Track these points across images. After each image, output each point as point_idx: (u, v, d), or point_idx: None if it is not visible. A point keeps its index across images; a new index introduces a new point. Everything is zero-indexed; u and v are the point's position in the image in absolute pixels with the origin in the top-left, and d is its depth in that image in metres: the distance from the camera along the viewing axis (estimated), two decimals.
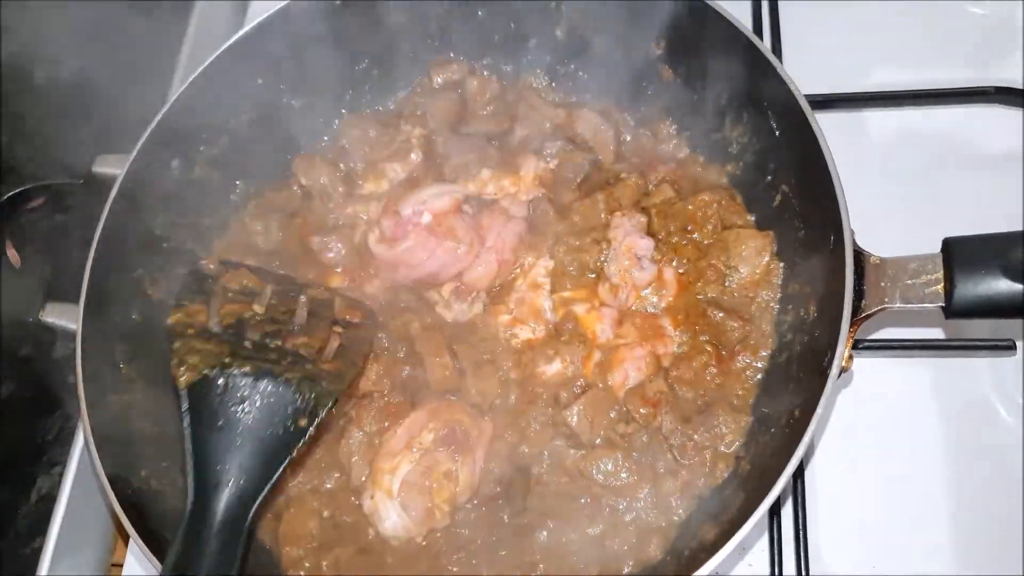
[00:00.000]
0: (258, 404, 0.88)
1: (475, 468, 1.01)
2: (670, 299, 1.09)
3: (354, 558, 1.02)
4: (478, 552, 0.99)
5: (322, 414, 0.91)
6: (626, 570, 0.97)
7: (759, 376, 1.05)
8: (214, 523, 0.83)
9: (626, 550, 0.97)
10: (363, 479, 1.03)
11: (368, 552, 1.02)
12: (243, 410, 0.88)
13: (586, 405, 1.02)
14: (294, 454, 0.88)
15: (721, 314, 1.06)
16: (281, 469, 0.87)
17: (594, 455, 1.00)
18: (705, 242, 1.11)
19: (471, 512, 1.02)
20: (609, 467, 0.99)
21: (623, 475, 0.99)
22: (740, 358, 1.05)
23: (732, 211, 1.12)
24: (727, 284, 1.08)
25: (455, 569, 0.98)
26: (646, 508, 0.99)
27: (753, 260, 1.07)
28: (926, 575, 1.03)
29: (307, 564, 1.02)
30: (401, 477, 0.99)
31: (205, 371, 0.89)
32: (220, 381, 0.88)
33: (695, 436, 1.00)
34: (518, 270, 1.14)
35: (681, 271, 1.10)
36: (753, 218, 1.14)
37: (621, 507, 1.00)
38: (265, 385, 0.89)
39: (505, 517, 1.01)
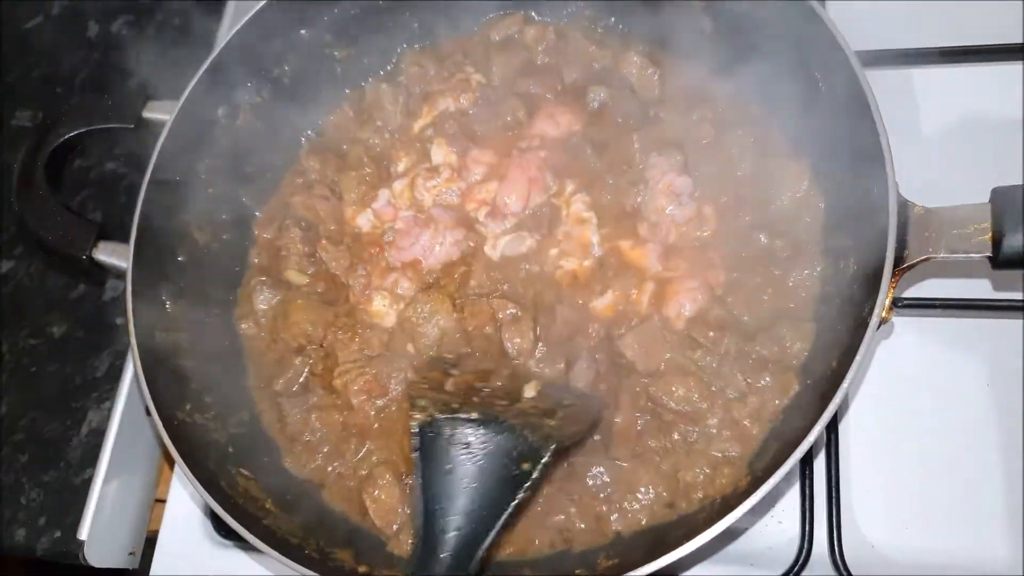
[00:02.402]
0: (482, 448, 0.88)
1: None
2: (706, 233, 1.10)
3: None
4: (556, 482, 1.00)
5: (546, 457, 0.88)
6: (699, 495, 0.98)
7: (815, 290, 1.05)
8: (441, 570, 0.81)
9: (700, 480, 0.98)
10: None
11: None
12: (468, 454, 0.88)
13: (640, 335, 1.03)
14: (518, 499, 0.86)
15: (766, 237, 1.07)
16: (507, 515, 0.85)
17: (665, 381, 1.01)
18: (740, 175, 1.11)
19: None
20: (680, 392, 1.00)
21: (695, 400, 0.99)
22: (792, 275, 1.05)
23: (769, 143, 1.12)
24: (768, 210, 1.09)
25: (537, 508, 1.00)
26: (719, 434, 0.99)
27: (792, 187, 1.08)
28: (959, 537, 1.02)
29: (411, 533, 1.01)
30: None
31: (435, 414, 0.90)
32: (447, 426, 0.89)
33: (763, 351, 1.01)
34: (554, 190, 1.15)
35: (724, 199, 1.10)
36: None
37: (694, 435, 1.00)
38: (489, 429, 0.89)
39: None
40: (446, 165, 1.21)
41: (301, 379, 1.12)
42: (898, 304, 1.09)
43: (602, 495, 0.99)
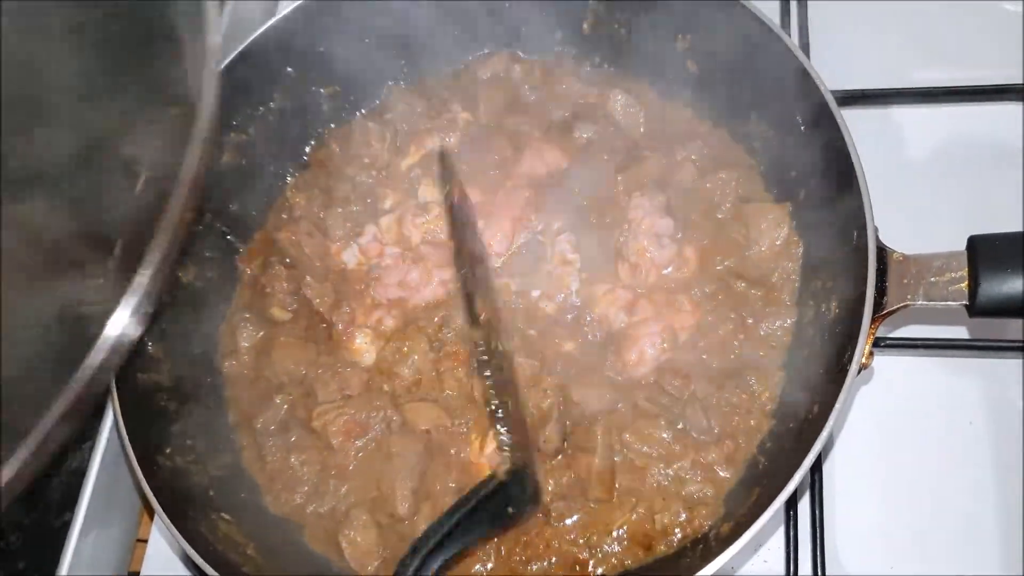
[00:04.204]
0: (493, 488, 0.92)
1: None
2: (684, 273, 1.11)
3: None
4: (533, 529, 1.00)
5: (529, 508, 0.95)
6: (676, 537, 0.98)
7: (787, 339, 1.06)
8: None
9: (679, 522, 0.98)
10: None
11: None
12: (484, 491, 0.92)
13: (589, 381, 1.04)
14: (484, 534, 0.91)
15: (743, 284, 1.07)
16: (467, 542, 0.89)
17: (636, 426, 1.01)
18: (721, 217, 1.12)
19: None
20: (654, 436, 1.00)
21: (666, 444, 1.00)
22: (764, 325, 1.06)
23: (751, 187, 1.13)
24: (747, 255, 1.09)
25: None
26: (692, 478, 1.00)
27: (772, 232, 1.08)
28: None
29: None
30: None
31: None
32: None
33: (733, 399, 1.01)
34: (540, 228, 1.16)
35: (704, 242, 1.11)
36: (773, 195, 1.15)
37: (667, 479, 1.00)
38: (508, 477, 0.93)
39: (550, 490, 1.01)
40: (435, 203, 1.21)
41: (280, 417, 1.12)
42: (880, 344, 1.09)
43: (581, 540, 0.99)
